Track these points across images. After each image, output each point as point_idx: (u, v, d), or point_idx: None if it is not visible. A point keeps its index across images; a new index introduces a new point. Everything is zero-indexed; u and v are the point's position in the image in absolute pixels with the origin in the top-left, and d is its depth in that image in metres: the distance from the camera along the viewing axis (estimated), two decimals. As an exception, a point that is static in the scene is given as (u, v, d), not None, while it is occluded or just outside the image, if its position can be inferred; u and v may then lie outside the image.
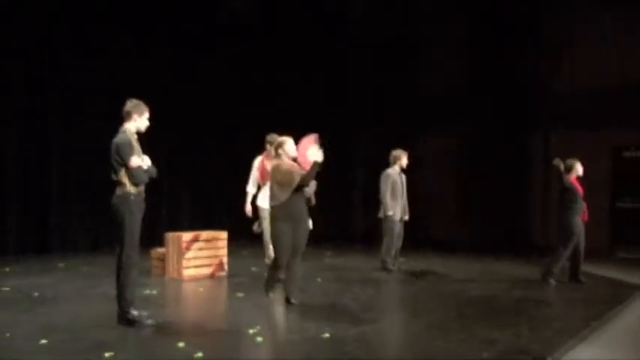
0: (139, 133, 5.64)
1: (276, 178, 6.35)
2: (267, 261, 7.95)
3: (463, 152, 13.84)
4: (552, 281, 8.29)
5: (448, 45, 14.10)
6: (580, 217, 8.30)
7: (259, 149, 7.97)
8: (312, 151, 6.25)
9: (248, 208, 7.97)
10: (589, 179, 8.60)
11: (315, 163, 6.30)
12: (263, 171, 7.69)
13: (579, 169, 8.38)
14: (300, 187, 6.35)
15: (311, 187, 6.67)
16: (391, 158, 9.24)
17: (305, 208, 6.57)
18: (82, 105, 10.43)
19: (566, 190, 8.28)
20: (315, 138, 6.38)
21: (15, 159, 9.64)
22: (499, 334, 5.53)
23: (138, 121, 5.57)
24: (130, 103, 5.60)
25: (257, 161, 7.94)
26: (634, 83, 11.85)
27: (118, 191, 5.47)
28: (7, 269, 8.44)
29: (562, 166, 8.36)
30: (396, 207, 9.06)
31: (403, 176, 9.27)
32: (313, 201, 7.07)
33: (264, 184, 7.72)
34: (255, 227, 8.11)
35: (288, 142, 6.75)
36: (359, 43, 14.34)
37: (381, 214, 9.12)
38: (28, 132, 9.81)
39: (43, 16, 9.89)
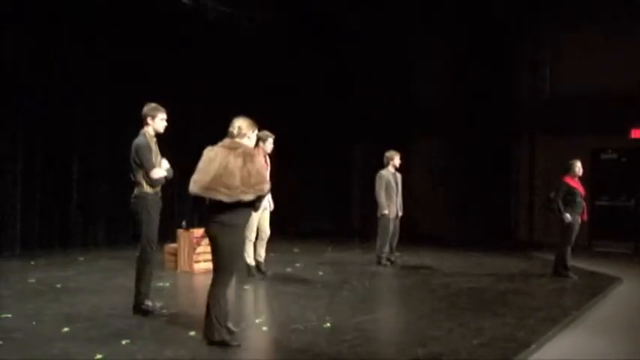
0: (161, 135, 5.61)
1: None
2: (249, 260, 7.84)
3: (453, 155, 13.84)
4: (573, 275, 8.21)
5: (439, 55, 14.10)
6: (579, 216, 8.21)
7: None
8: None
9: None
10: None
11: None
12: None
13: (577, 170, 8.21)
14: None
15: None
16: (385, 159, 9.21)
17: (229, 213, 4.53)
18: (104, 105, 10.40)
19: (567, 191, 8.18)
20: None
21: (40, 160, 9.63)
22: (487, 323, 5.53)
23: (153, 124, 5.51)
24: (146, 107, 5.55)
25: None
26: (611, 92, 11.87)
27: (136, 191, 5.45)
28: (33, 263, 8.43)
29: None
30: (390, 205, 9.03)
31: (398, 175, 9.24)
32: None
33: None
34: None
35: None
36: (358, 54, 14.36)
37: (379, 213, 9.09)
38: (52, 133, 9.78)
39: (70, 15, 9.82)
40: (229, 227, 4.52)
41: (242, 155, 4.51)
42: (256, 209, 4.75)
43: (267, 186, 4.62)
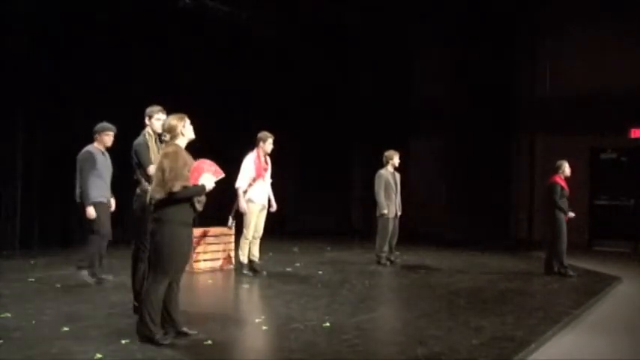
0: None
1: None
2: (242, 258, 7.88)
3: (453, 154, 13.84)
4: (571, 272, 8.27)
5: (439, 55, 14.10)
6: (564, 214, 8.28)
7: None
8: (205, 177, 4.66)
9: (244, 204, 7.67)
10: (569, 179, 8.59)
11: (203, 187, 4.63)
12: (258, 167, 7.66)
13: (566, 169, 8.36)
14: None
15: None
16: (384, 159, 9.21)
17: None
18: (104, 105, 10.37)
19: (553, 189, 8.25)
20: (211, 168, 4.73)
21: (39, 158, 9.63)
22: (487, 323, 5.53)
23: (150, 124, 5.54)
24: (149, 109, 5.59)
25: (251, 157, 7.70)
26: (609, 92, 11.89)
27: (137, 189, 5.49)
28: (33, 262, 8.43)
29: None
30: (390, 205, 9.03)
31: (397, 175, 9.24)
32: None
33: (256, 180, 7.65)
34: (230, 223, 8.02)
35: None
36: (358, 53, 14.37)
37: (378, 213, 9.09)
38: (52, 133, 9.77)
39: (70, 15, 9.82)
40: (159, 224, 4.56)
41: (163, 155, 4.60)
42: (195, 208, 4.63)
43: (180, 184, 4.44)
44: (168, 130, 4.68)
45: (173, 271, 4.65)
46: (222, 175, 4.79)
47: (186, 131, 4.71)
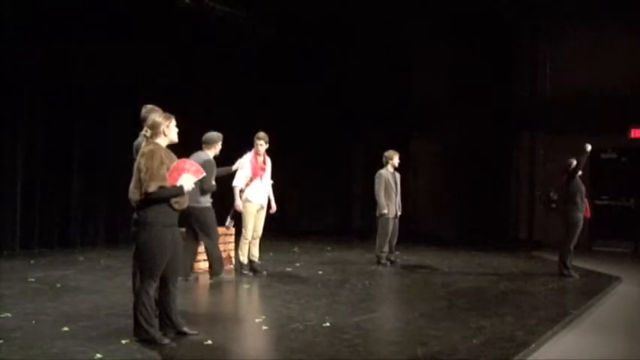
0: None
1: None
2: (242, 258, 7.92)
3: (453, 154, 13.85)
4: (574, 274, 8.25)
5: (440, 54, 14.11)
6: (582, 213, 8.24)
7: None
8: (184, 178, 4.58)
9: (239, 203, 7.71)
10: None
11: (181, 187, 4.56)
12: (255, 167, 7.68)
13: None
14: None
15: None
16: (384, 159, 9.22)
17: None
18: (105, 105, 10.39)
19: (571, 188, 8.21)
20: (193, 167, 4.70)
21: (39, 159, 9.62)
22: (486, 323, 5.53)
23: None
24: (144, 109, 5.55)
25: (247, 157, 7.77)
26: (610, 91, 11.89)
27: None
28: (32, 262, 8.43)
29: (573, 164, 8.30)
30: (390, 205, 9.03)
31: (397, 175, 9.24)
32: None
33: (253, 179, 7.69)
34: (227, 223, 8.04)
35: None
36: (359, 53, 14.37)
37: (378, 213, 9.09)
38: (52, 133, 9.77)
39: (70, 16, 9.81)
40: (141, 226, 4.52)
41: (140, 154, 4.53)
42: (174, 208, 4.56)
43: (156, 184, 4.38)
44: (150, 127, 4.60)
45: (160, 274, 4.59)
46: (204, 174, 4.76)
47: (169, 131, 4.66)
